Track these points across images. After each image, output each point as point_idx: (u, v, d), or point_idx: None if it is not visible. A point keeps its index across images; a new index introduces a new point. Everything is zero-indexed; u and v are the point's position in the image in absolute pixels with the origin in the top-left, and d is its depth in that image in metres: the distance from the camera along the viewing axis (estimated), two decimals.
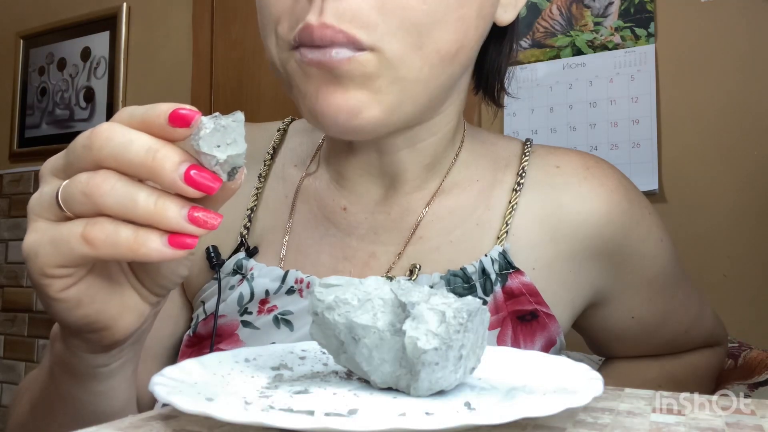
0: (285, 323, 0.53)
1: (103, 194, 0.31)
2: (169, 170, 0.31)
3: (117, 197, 0.31)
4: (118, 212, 0.31)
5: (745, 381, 0.72)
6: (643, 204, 0.60)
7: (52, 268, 0.33)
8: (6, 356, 2.20)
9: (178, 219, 0.31)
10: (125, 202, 0.31)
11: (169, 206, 0.31)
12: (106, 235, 0.31)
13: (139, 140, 0.31)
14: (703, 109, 1.29)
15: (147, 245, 0.31)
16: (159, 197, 0.31)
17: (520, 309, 0.53)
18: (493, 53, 0.58)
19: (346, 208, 0.56)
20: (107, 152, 0.31)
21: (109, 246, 0.32)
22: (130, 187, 0.31)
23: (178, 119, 0.31)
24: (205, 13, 1.95)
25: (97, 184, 0.31)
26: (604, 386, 0.31)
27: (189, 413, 0.27)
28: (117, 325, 0.37)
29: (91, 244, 0.32)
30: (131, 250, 0.32)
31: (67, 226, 0.32)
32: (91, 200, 0.31)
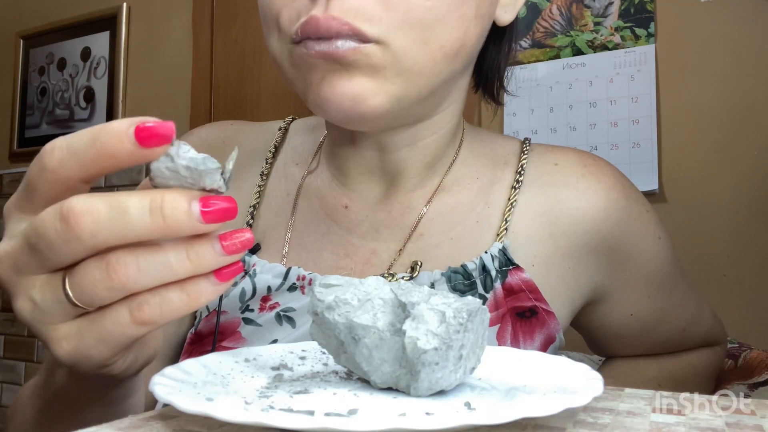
0: (287, 320, 0.54)
1: (135, 279, 0.28)
2: (186, 221, 0.28)
3: (150, 275, 0.28)
4: (155, 284, 0.29)
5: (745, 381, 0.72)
6: (641, 201, 0.60)
7: (110, 360, 0.31)
8: (6, 356, 2.20)
9: (216, 257, 0.29)
10: (161, 274, 0.28)
11: (204, 254, 0.29)
12: (160, 308, 0.29)
13: (131, 203, 0.27)
14: (703, 109, 1.29)
15: (204, 292, 0.29)
16: (188, 250, 0.28)
17: (520, 306, 0.54)
18: (492, 52, 0.59)
19: (348, 205, 0.57)
20: (104, 237, 0.27)
21: (167, 315, 0.29)
22: (158, 258, 0.28)
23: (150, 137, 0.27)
24: (205, 13, 1.95)
25: (121, 272, 0.28)
26: (604, 386, 0.31)
27: (189, 413, 0.27)
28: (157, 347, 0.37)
29: (147, 324, 0.29)
30: (190, 307, 0.30)
31: (111, 319, 0.29)
32: (123, 290, 0.28)
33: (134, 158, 0.27)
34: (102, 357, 0.31)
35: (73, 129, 2.12)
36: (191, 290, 0.29)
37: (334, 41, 0.44)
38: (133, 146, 0.27)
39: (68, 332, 0.30)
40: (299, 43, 0.46)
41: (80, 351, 0.30)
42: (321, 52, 0.44)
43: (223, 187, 0.29)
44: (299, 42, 0.46)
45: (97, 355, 0.30)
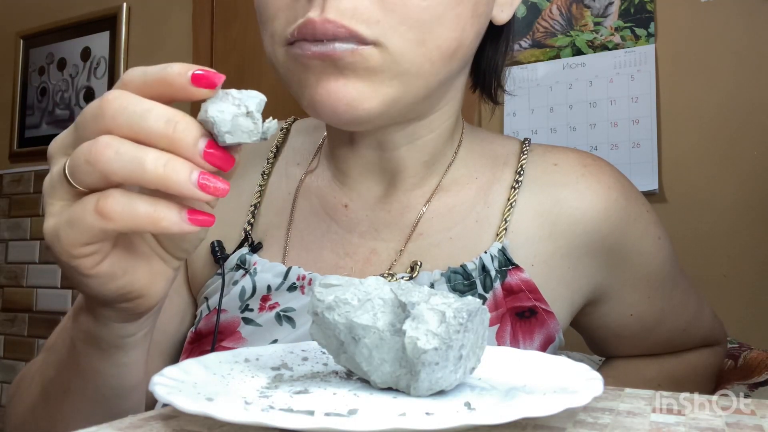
0: (287, 320, 0.54)
1: (108, 160, 0.30)
2: (191, 143, 0.31)
3: (123, 162, 0.30)
4: (124, 177, 0.30)
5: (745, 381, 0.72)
6: (641, 201, 0.60)
7: (77, 248, 0.32)
8: (6, 356, 2.20)
9: (188, 183, 0.30)
10: (132, 167, 0.30)
11: (179, 170, 0.30)
12: (121, 207, 0.31)
13: (157, 110, 0.31)
14: (703, 109, 1.29)
15: (167, 219, 0.31)
16: (168, 160, 0.30)
17: (519, 306, 0.54)
18: (489, 51, 0.59)
19: (347, 205, 0.57)
20: (122, 120, 0.31)
21: (128, 219, 0.31)
22: (137, 151, 0.30)
23: (203, 80, 0.31)
24: (205, 13, 1.95)
25: (99, 150, 0.30)
26: (604, 386, 0.31)
27: (189, 413, 0.27)
28: (150, 293, 0.37)
29: (107, 218, 0.31)
30: (151, 223, 0.31)
31: (81, 204, 0.32)
32: (96, 168, 0.30)
33: (185, 93, 0.32)
34: (68, 240, 0.32)
35: None
36: (158, 208, 0.31)
37: (331, 44, 0.44)
38: (187, 81, 0.31)
39: (56, 210, 0.33)
40: (294, 44, 0.46)
41: (55, 229, 0.32)
42: (317, 53, 0.44)
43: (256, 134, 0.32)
44: (294, 43, 0.46)
45: (64, 237, 0.32)
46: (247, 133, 0.32)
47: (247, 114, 0.32)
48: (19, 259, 2.22)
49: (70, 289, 2.07)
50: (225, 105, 0.31)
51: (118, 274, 0.35)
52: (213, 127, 0.31)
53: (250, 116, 0.32)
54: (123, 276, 0.35)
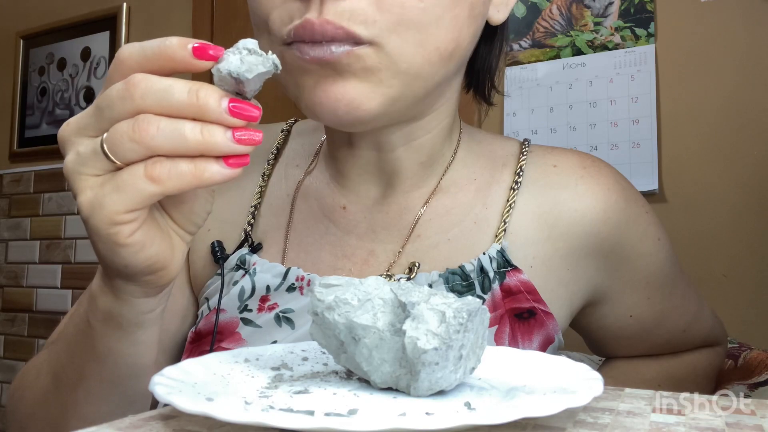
0: (286, 321, 0.54)
1: (153, 136, 0.33)
2: (215, 105, 0.33)
3: (166, 136, 0.33)
4: (169, 149, 0.33)
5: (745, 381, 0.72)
6: (640, 203, 0.60)
7: (122, 214, 0.35)
8: (6, 356, 2.20)
9: (226, 142, 0.34)
10: (175, 138, 0.33)
11: (215, 133, 0.34)
12: (168, 170, 0.34)
13: (178, 84, 0.33)
14: (703, 109, 1.29)
15: (209, 170, 0.34)
16: (204, 127, 0.33)
17: (518, 307, 0.54)
18: (484, 52, 0.59)
19: (346, 206, 0.57)
20: (151, 100, 0.33)
21: (175, 179, 0.34)
22: (176, 124, 0.33)
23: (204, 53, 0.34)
24: (205, 13, 1.95)
25: (143, 128, 0.33)
26: (604, 386, 0.31)
27: (189, 413, 0.27)
28: (172, 264, 0.40)
29: (157, 182, 0.34)
30: (196, 177, 0.34)
31: (128, 171, 0.34)
32: (142, 144, 0.33)
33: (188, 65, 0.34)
34: (114, 207, 0.34)
35: None
36: (199, 164, 0.34)
37: (328, 46, 0.44)
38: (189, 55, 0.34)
39: (94, 182, 0.35)
40: (290, 44, 0.46)
41: (97, 199, 0.35)
42: (316, 58, 0.44)
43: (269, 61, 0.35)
44: (290, 44, 0.46)
45: (110, 203, 0.34)
46: (261, 63, 0.34)
47: (249, 53, 0.34)
48: (19, 259, 2.22)
49: (70, 289, 2.07)
50: (229, 58, 0.34)
51: (147, 244, 0.37)
52: (231, 75, 0.34)
53: (253, 52, 0.34)
54: (151, 246, 0.37)
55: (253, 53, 0.34)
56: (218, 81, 0.35)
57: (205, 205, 0.41)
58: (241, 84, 0.34)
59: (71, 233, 2.10)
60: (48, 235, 2.15)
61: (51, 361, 0.51)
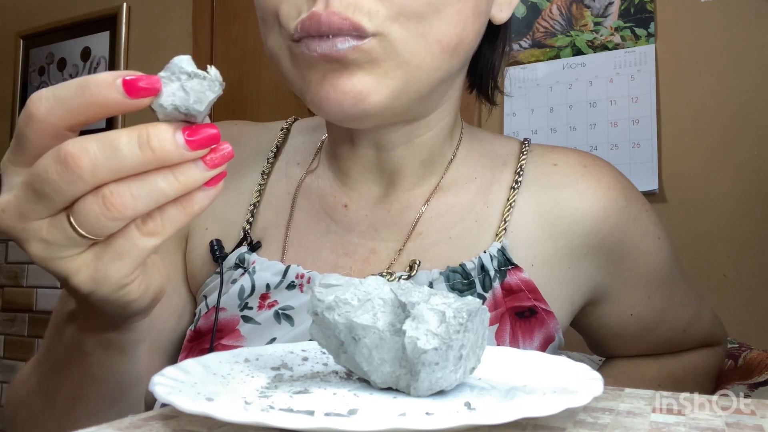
0: (286, 318, 0.54)
1: (132, 207, 0.30)
2: (173, 148, 0.30)
3: (145, 201, 0.31)
4: (152, 207, 0.31)
5: (745, 381, 0.72)
6: (641, 202, 0.60)
7: (129, 277, 0.33)
8: (6, 356, 2.20)
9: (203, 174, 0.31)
10: (154, 197, 0.31)
11: (189, 173, 0.31)
12: (161, 221, 0.32)
13: (122, 141, 0.29)
14: (703, 109, 1.29)
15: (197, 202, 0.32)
16: (176, 173, 0.31)
17: (519, 305, 0.54)
18: (487, 52, 0.59)
19: (347, 205, 0.57)
20: (104, 173, 0.30)
21: (169, 224, 0.32)
22: (149, 184, 0.31)
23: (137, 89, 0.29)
24: (205, 13, 1.95)
25: (118, 203, 0.30)
26: (604, 386, 0.31)
27: (189, 413, 0.27)
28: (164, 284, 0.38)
29: (155, 234, 0.32)
30: (188, 214, 0.32)
31: (124, 237, 0.32)
32: (123, 218, 0.31)
33: (123, 107, 0.30)
34: (120, 274, 0.32)
35: None
36: (185, 202, 0.32)
37: (334, 41, 0.44)
38: (123, 96, 0.29)
39: (85, 259, 0.33)
40: (299, 41, 0.46)
41: (99, 272, 0.32)
42: (323, 54, 0.45)
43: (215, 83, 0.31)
44: (299, 40, 0.46)
45: (115, 273, 0.32)
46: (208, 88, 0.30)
47: (189, 76, 0.30)
48: (19, 259, 2.22)
49: None
50: (169, 87, 0.30)
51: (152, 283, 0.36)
52: (178, 110, 0.30)
53: (193, 75, 0.30)
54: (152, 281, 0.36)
55: (193, 76, 0.30)
56: (163, 118, 0.30)
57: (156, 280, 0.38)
58: (192, 117, 0.31)
59: None
60: None
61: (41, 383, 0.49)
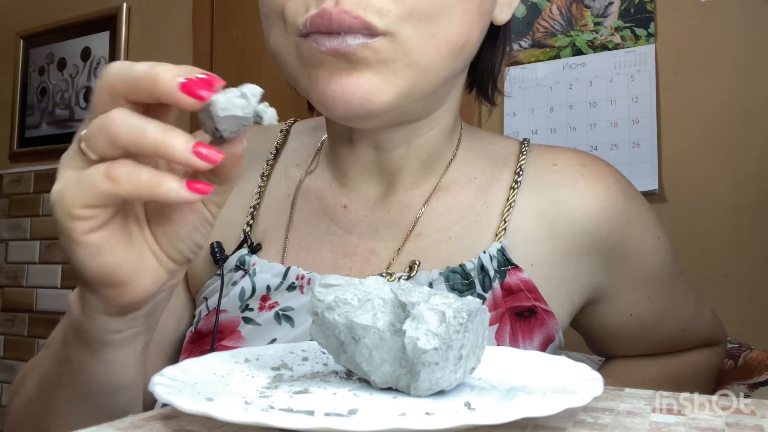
0: (286, 319, 0.54)
1: (118, 125, 0.33)
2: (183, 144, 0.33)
3: (129, 128, 0.33)
4: (128, 141, 0.33)
5: (745, 381, 0.72)
6: (640, 201, 0.60)
7: (78, 208, 0.34)
8: (6, 356, 2.20)
9: (184, 150, 0.33)
10: (136, 132, 0.33)
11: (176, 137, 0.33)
12: (127, 172, 0.33)
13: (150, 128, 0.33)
14: (703, 109, 1.29)
15: (166, 184, 0.33)
16: (166, 129, 0.33)
17: (519, 305, 0.54)
18: (487, 52, 0.59)
19: (347, 206, 0.57)
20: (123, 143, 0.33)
21: (131, 182, 0.33)
22: (140, 120, 0.33)
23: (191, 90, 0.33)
24: (205, 13, 1.95)
25: (110, 119, 0.33)
26: (604, 386, 0.31)
27: (189, 413, 0.27)
28: (134, 283, 0.37)
29: (114, 181, 0.33)
30: (150, 187, 0.33)
31: (92, 168, 0.34)
32: (106, 133, 0.33)
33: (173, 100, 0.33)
34: (72, 199, 0.34)
35: (73, 129, 2.11)
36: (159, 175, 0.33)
37: (344, 38, 0.44)
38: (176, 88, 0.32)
39: (67, 175, 0.35)
40: (306, 36, 0.46)
41: (61, 189, 0.35)
42: (332, 49, 0.45)
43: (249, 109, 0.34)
44: (306, 35, 0.46)
45: (69, 196, 0.34)
46: (240, 108, 0.33)
47: (241, 95, 0.33)
48: (19, 259, 2.22)
49: (70, 289, 2.07)
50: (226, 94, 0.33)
51: (105, 250, 0.36)
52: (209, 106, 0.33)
53: (243, 97, 0.33)
54: (109, 253, 0.36)
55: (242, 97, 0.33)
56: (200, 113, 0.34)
57: (192, 233, 0.39)
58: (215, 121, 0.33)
59: None
60: (48, 235, 2.15)
61: (39, 367, 0.50)
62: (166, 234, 0.38)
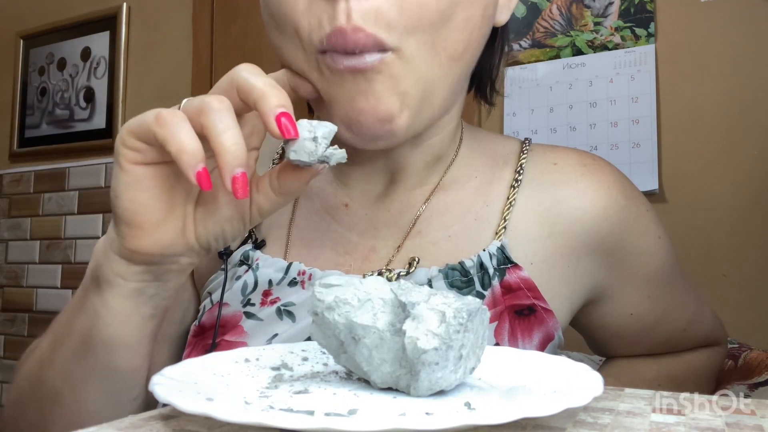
0: (287, 314, 0.54)
1: (238, 72, 0.39)
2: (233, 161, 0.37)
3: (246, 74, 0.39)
4: (242, 81, 0.39)
5: (745, 381, 0.72)
6: (641, 201, 0.60)
7: (127, 135, 0.39)
8: (6, 356, 2.20)
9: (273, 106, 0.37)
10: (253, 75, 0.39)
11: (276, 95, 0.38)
12: (170, 122, 0.37)
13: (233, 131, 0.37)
14: (703, 109, 1.29)
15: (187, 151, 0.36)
16: (274, 86, 0.38)
17: (518, 303, 0.54)
18: (486, 53, 0.59)
19: (348, 204, 0.58)
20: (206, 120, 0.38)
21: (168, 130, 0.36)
22: (258, 75, 0.39)
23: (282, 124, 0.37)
24: (205, 13, 1.95)
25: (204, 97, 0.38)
26: (604, 386, 0.31)
27: (189, 413, 0.27)
28: (150, 231, 0.40)
29: (158, 123, 0.37)
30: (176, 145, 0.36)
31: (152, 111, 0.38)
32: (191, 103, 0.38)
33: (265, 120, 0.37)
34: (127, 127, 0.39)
35: (73, 129, 2.12)
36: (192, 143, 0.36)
37: (362, 56, 0.45)
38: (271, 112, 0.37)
39: None
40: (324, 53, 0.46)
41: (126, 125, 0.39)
42: (351, 67, 0.45)
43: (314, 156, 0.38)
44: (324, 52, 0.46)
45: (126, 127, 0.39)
46: (307, 153, 0.38)
47: (313, 139, 0.38)
48: (19, 259, 2.22)
49: (70, 289, 2.07)
50: (301, 129, 0.38)
51: (142, 186, 0.39)
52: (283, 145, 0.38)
53: (315, 141, 0.38)
54: (144, 191, 0.39)
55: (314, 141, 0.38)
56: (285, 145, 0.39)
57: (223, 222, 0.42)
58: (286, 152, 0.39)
59: (71, 233, 2.10)
60: (48, 235, 2.15)
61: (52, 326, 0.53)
62: (206, 207, 0.42)
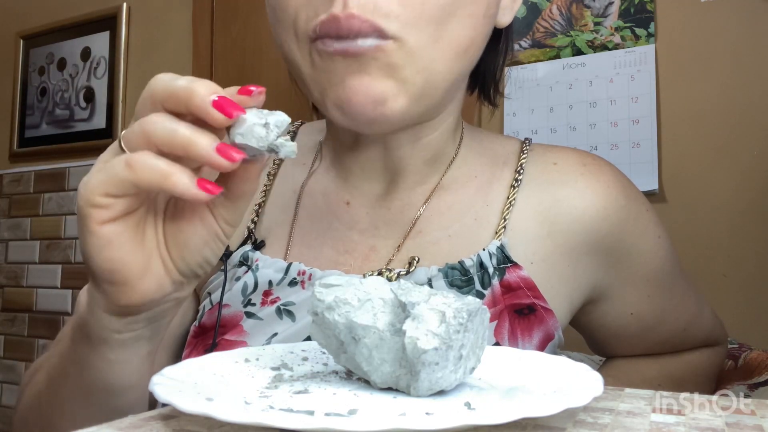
0: (287, 314, 0.54)
1: (154, 122, 0.35)
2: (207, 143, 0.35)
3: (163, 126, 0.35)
4: (162, 137, 0.35)
5: (745, 381, 0.72)
6: (641, 201, 0.60)
7: (97, 195, 0.35)
8: (6, 356, 2.20)
9: (208, 147, 0.34)
10: (169, 129, 0.35)
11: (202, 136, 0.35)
12: (145, 161, 0.35)
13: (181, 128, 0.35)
14: (703, 109, 1.29)
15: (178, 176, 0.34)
16: (196, 130, 0.35)
17: (518, 303, 0.54)
18: (489, 54, 0.59)
19: (349, 202, 0.58)
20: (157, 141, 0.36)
21: (146, 170, 0.34)
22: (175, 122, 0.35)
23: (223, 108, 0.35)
24: (205, 13, 1.95)
25: (150, 118, 0.36)
26: (604, 386, 0.31)
27: (189, 413, 0.27)
28: (136, 285, 0.38)
29: (131, 168, 0.35)
30: (163, 176, 0.34)
31: (118, 157, 0.36)
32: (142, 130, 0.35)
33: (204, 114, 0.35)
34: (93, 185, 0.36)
35: (73, 129, 2.12)
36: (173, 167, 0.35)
37: (355, 40, 0.44)
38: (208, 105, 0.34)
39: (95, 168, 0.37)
40: (315, 40, 0.46)
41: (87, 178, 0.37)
42: (341, 50, 0.45)
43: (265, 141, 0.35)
44: (316, 40, 0.46)
45: (92, 182, 0.36)
46: (256, 139, 0.35)
47: (264, 125, 0.35)
48: (19, 259, 2.22)
49: (70, 289, 2.07)
50: (251, 115, 0.35)
51: (114, 244, 0.37)
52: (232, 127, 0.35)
53: (267, 127, 0.35)
54: (118, 249, 0.37)
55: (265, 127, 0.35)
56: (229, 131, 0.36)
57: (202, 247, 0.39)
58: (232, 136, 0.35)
59: (71, 233, 2.10)
60: (48, 235, 2.15)
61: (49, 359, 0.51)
62: (176, 243, 0.39)
